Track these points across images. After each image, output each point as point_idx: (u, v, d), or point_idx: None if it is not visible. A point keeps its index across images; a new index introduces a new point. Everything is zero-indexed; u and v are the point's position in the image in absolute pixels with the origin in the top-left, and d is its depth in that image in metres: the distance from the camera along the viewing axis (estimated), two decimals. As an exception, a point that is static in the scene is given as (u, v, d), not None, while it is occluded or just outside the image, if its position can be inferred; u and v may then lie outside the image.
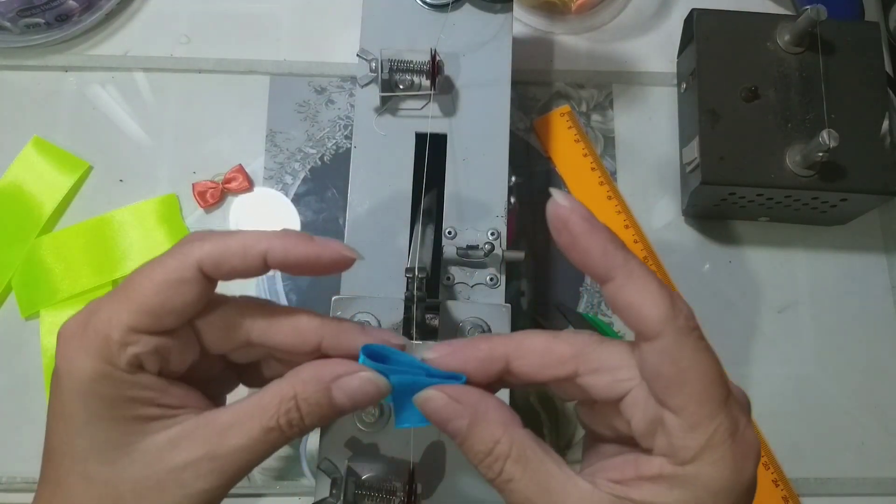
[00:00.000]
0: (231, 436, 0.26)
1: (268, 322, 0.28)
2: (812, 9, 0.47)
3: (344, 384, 0.27)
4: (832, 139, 0.44)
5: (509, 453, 0.25)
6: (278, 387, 0.26)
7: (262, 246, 0.26)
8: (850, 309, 0.53)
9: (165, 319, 0.26)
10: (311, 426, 0.27)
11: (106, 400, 0.25)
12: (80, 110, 0.55)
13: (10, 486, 0.47)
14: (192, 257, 0.25)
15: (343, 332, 0.28)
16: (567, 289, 0.52)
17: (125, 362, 0.25)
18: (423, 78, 0.42)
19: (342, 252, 0.27)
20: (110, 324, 0.25)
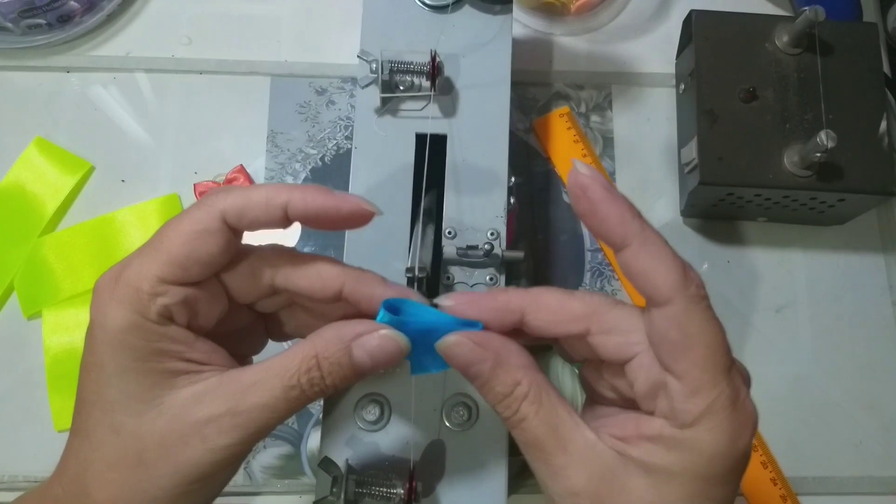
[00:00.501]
0: (253, 393, 0.26)
1: (291, 267, 0.28)
2: (810, 10, 0.47)
3: (364, 342, 0.27)
4: (830, 140, 0.44)
5: (527, 394, 0.26)
6: (300, 347, 0.27)
7: (283, 197, 0.27)
8: (848, 308, 0.53)
9: (193, 270, 0.26)
10: (332, 386, 0.27)
11: (136, 351, 0.26)
12: (81, 111, 0.56)
13: (10, 486, 0.47)
14: (216, 208, 0.26)
15: (363, 281, 0.29)
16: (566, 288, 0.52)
17: (155, 313, 0.26)
18: (424, 79, 0.42)
19: (361, 205, 0.28)
20: (140, 275, 0.26)
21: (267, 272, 0.29)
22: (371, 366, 0.27)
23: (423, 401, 0.36)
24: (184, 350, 0.27)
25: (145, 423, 0.26)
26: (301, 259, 0.29)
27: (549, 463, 0.26)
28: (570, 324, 0.27)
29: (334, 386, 0.27)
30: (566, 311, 0.28)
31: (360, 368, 0.27)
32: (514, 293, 0.28)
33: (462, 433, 0.36)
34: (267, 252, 0.29)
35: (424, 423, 0.36)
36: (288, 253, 0.29)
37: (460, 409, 0.36)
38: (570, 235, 0.54)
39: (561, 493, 0.26)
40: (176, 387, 0.26)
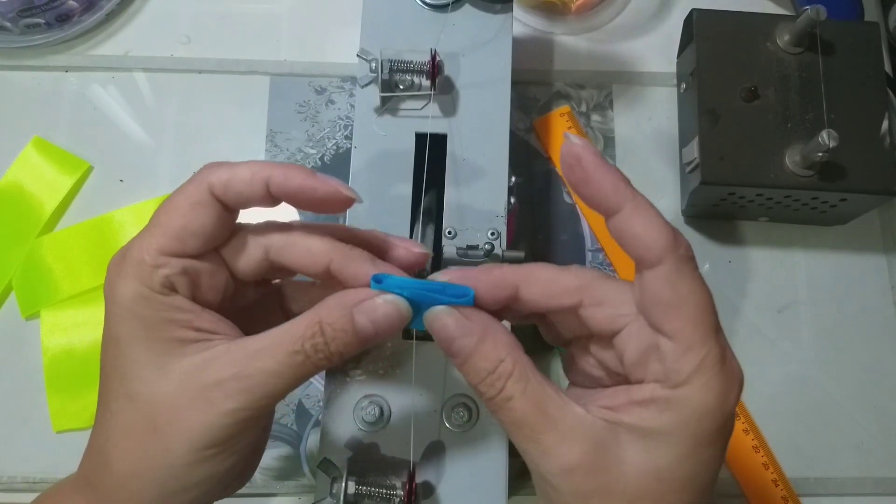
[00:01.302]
0: (258, 358, 0.27)
1: (284, 239, 0.29)
2: (812, 9, 0.47)
3: (365, 307, 0.28)
4: (832, 139, 0.44)
5: (512, 372, 0.26)
6: (305, 314, 0.28)
7: (266, 173, 0.28)
8: (850, 309, 0.53)
9: (189, 242, 0.28)
10: (336, 353, 0.27)
11: (145, 320, 0.27)
12: (80, 110, 0.55)
13: (10, 486, 0.47)
14: (205, 182, 0.28)
15: (351, 258, 0.29)
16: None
17: (158, 283, 0.27)
18: (424, 78, 0.42)
19: (339, 188, 0.28)
20: (142, 250, 0.27)
21: (260, 246, 0.30)
22: (373, 332, 0.28)
23: (423, 401, 0.36)
24: (191, 318, 0.28)
25: (157, 389, 0.27)
26: (293, 233, 0.30)
27: (540, 441, 0.26)
28: (562, 297, 0.28)
29: (339, 353, 0.28)
30: (559, 284, 0.28)
31: (363, 334, 0.28)
32: (508, 268, 0.29)
33: (462, 434, 0.36)
34: (261, 226, 0.30)
35: (424, 424, 0.36)
36: (281, 227, 0.30)
37: (460, 410, 0.36)
38: (571, 235, 0.54)
39: (554, 471, 0.26)
40: (186, 354, 0.27)
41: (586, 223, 0.54)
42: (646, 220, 0.26)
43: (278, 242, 0.30)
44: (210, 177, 0.28)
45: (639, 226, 0.26)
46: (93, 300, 0.50)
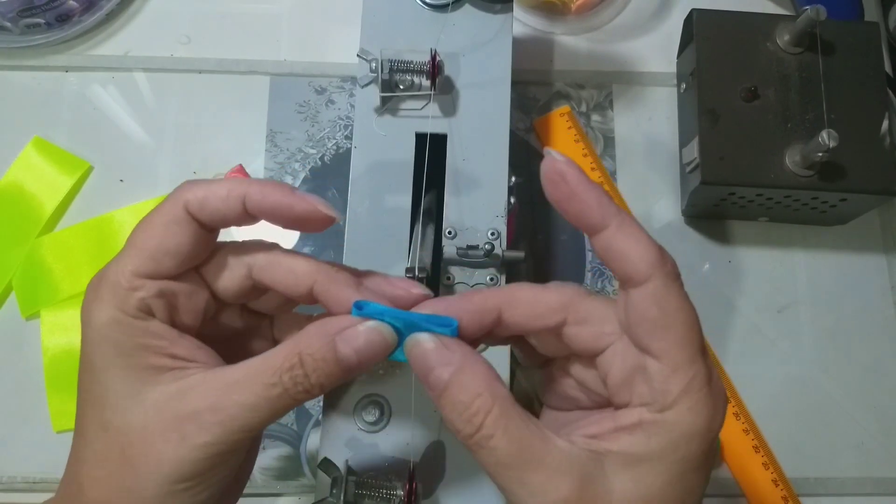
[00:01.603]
0: (235, 391, 0.26)
1: (267, 258, 0.29)
2: (812, 9, 0.47)
3: (348, 335, 0.27)
4: (832, 139, 0.44)
5: (491, 408, 0.25)
6: (285, 344, 0.27)
7: (242, 190, 0.27)
8: (850, 309, 0.53)
9: (164, 261, 0.27)
10: (317, 385, 0.26)
11: (119, 346, 0.26)
12: (80, 110, 0.55)
13: (10, 486, 0.47)
14: (180, 200, 0.27)
15: (335, 282, 0.28)
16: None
17: (134, 307, 0.26)
18: (424, 78, 0.42)
19: (316, 207, 0.27)
20: (117, 272, 0.27)
21: (243, 264, 0.29)
22: (357, 361, 0.26)
23: (423, 401, 0.36)
24: (166, 345, 0.27)
25: (130, 419, 0.26)
26: (277, 252, 0.29)
27: (526, 482, 0.24)
28: (547, 316, 0.27)
29: (320, 385, 0.26)
30: (543, 303, 0.27)
31: (346, 364, 0.26)
32: (489, 292, 0.28)
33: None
34: (245, 245, 0.29)
35: (424, 424, 0.36)
36: (265, 247, 0.29)
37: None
38: (571, 235, 0.54)
39: None
40: (161, 382, 0.26)
41: (586, 223, 0.54)
42: (632, 237, 0.25)
43: (261, 261, 0.29)
44: (186, 195, 0.27)
45: (625, 243, 0.25)
46: (93, 300, 0.50)
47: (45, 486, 0.47)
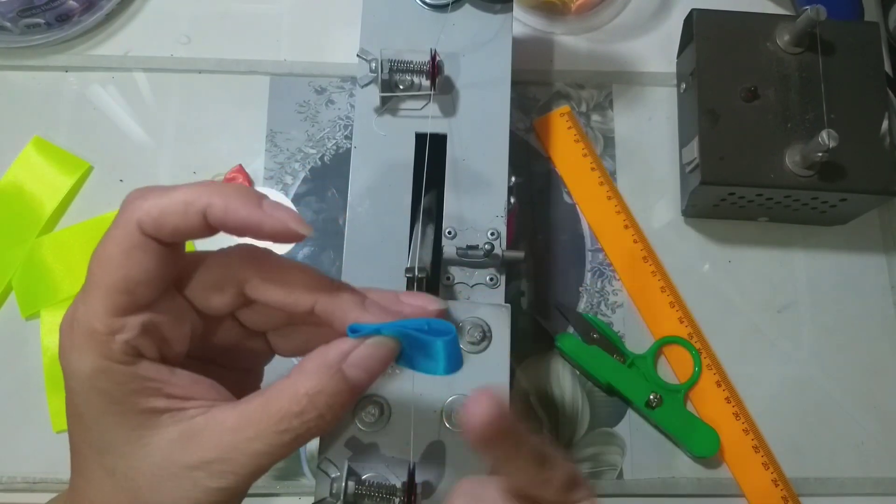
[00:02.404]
0: (243, 440, 0.25)
1: (262, 274, 0.26)
2: (812, 9, 0.47)
3: (355, 359, 0.25)
4: (832, 139, 0.44)
5: None
6: (286, 386, 0.25)
7: (203, 202, 0.24)
8: (850, 309, 0.53)
9: (138, 292, 0.24)
10: (334, 420, 0.25)
11: (109, 396, 0.24)
12: (80, 110, 0.55)
13: (9, 487, 0.47)
14: (132, 222, 0.24)
15: (337, 303, 0.26)
16: (567, 289, 0.52)
17: (119, 352, 0.24)
18: (423, 78, 0.42)
19: (287, 224, 0.24)
20: (89, 315, 0.24)
21: (234, 281, 0.26)
22: (368, 379, 0.26)
23: (423, 401, 0.36)
24: (161, 386, 0.25)
25: (135, 464, 0.25)
26: (272, 267, 0.26)
27: None
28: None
29: (336, 418, 0.25)
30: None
31: (360, 387, 0.26)
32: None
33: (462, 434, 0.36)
34: (233, 257, 0.26)
35: (424, 424, 0.36)
36: (257, 258, 0.26)
37: (460, 411, 0.36)
38: (571, 235, 0.54)
39: None
40: (160, 425, 0.25)
41: (586, 223, 0.54)
42: None
43: (255, 277, 0.26)
44: (136, 213, 0.24)
45: None
46: (93, 300, 0.50)
47: (45, 487, 0.47)
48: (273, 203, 0.24)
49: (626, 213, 0.54)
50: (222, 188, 0.24)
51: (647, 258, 0.53)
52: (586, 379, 0.50)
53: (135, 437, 0.25)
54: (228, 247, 0.27)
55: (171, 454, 0.25)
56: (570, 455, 0.49)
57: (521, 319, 0.51)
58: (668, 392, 0.49)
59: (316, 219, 0.53)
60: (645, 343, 0.51)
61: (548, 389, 0.50)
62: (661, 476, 0.49)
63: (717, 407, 0.49)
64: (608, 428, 0.50)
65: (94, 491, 0.26)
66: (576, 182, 0.55)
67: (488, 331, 0.39)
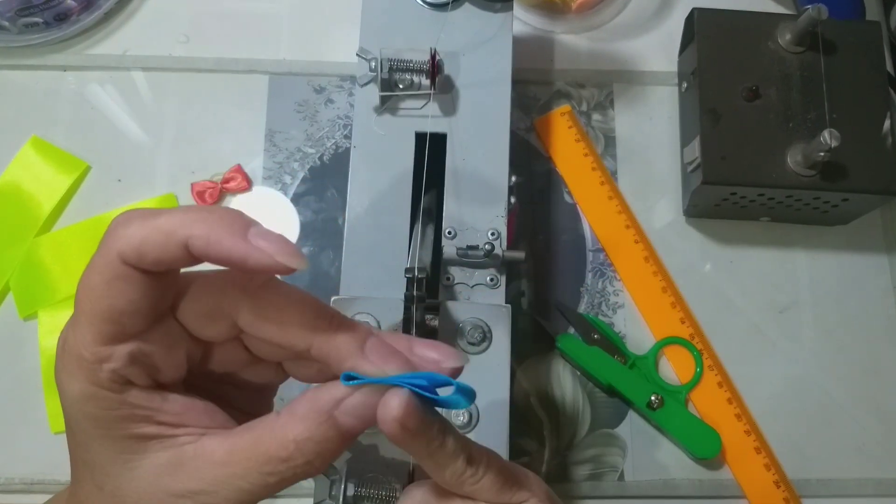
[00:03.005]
0: (229, 476, 0.24)
1: (256, 310, 0.24)
2: (813, 8, 0.47)
3: (347, 407, 0.24)
4: (833, 139, 0.44)
5: None
6: (274, 428, 0.24)
7: (185, 233, 0.22)
8: (852, 309, 0.53)
9: (124, 322, 0.23)
10: (324, 465, 0.24)
11: (96, 420, 0.24)
12: (78, 110, 0.55)
13: (8, 487, 0.47)
14: (113, 252, 0.22)
15: (335, 347, 0.24)
16: (567, 289, 0.52)
17: (107, 380, 0.23)
18: (423, 77, 0.42)
19: (275, 260, 0.22)
20: (77, 343, 0.23)
21: (226, 316, 0.24)
22: (362, 426, 0.24)
23: (423, 403, 0.36)
24: (151, 413, 0.24)
25: (123, 485, 0.25)
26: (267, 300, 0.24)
27: None
28: None
29: (325, 464, 0.24)
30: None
31: (352, 434, 0.24)
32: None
33: None
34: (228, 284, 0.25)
35: (424, 426, 0.35)
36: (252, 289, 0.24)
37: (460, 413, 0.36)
38: (572, 235, 0.54)
39: None
40: (148, 450, 0.24)
41: (587, 223, 0.54)
42: None
43: (247, 316, 0.24)
44: (118, 243, 0.22)
45: None
46: (91, 300, 0.50)
47: (43, 487, 0.47)
48: (262, 232, 0.22)
49: (627, 212, 0.54)
50: (207, 216, 0.22)
51: (648, 258, 0.52)
52: (587, 380, 0.50)
53: (121, 460, 0.24)
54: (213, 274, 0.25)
55: (159, 480, 0.24)
56: (568, 457, 0.49)
57: (521, 320, 0.51)
58: (670, 393, 0.49)
59: (315, 219, 0.53)
60: (646, 344, 0.51)
61: (548, 390, 0.50)
62: (662, 477, 0.48)
63: (719, 408, 0.49)
64: (609, 429, 0.49)
65: (86, 499, 0.26)
66: (576, 182, 0.54)
67: (488, 331, 0.38)
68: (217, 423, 0.26)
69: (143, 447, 0.24)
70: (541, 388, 0.50)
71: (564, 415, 0.49)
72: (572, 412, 0.49)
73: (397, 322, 0.38)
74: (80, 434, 0.25)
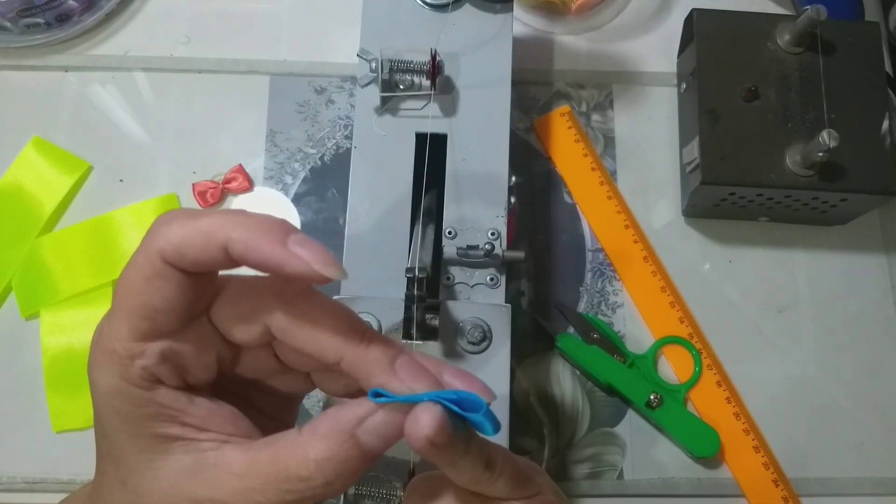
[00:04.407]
0: (246, 488, 0.24)
1: (289, 320, 0.24)
2: (812, 9, 0.47)
3: (370, 426, 0.24)
4: (832, 139, 0.44)
5: None
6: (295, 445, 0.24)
7: (224, 235, 0.23)
8: (851, 309, 0.53)
9: (159, 319, 0.24)
10: (344, 486, 0.24)
11: (125, 415, 0.24)
12: (80, 110, 0.55)
13: (10, 487, 0.47)
14: (153, 249, 0.23)
15: (365, 363, 0.24)
16: (567, 289, 0.52)
17: (137, 377, 0.24)
18: (424, 78, 0.42)
19: (312, 267, 0.22)
20: (112, 337, 0.24)
21: (260, 321, 0.25)
22: (384, 446, 0.24)
23: (424, 402, 0.36)
24: (177, 414, 0.25)
25: (144, 483, 0.25)
26: (302, 309, 0.25)
27: None
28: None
29: (346, 485, 0.24)
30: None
31: (374, 454, 0.24)
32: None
33: None
34: (264, 291, 0.25)
35: (424, 425, 0.35)
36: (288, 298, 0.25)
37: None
38: (571, 235, 0.54)
39: None
40: (172, 452, 0.24)
41: (586, 223, 0.54)
42: None
43: (281, 322, 0.24)
44: (159, 241, 0.23)
45: None
46: (93, 300, 0.50)
47: (45, 487, 0.47)
48: (301, 240, 0.23)
49: (626, 212, 0.54)
50: (248, 221, 0.23)
51: (647, 258, 0.53)
52: (586, 379, 0.50)
53: (145, 458, 0.25)
54: (264, 279, 0.25)
55: (179, 483, 0.24)
56: (568, 457, 0.49)
57: (521, 319, 0.51)
58: (669, 392, 0.49)
59: (316, 219, 0.53)
60: (645, 343, 0.51)
61: (548, 389, 0.50)
62: (661, 476, 0.49)
63: (718, 407, 0.49)
64: (608, 428, 0.49)
65: (109, 493, 0.26)
66: (576, 182, 0.55)
67: (488, 331, 0.39)
68: (241, 432, 0.26)
69: (167, 448, 0.24)
70: (540, 387, 0.50)
71: (564, 414, 0.50)
72: (572, 411, 0.50)
73: (398, 322, 0.38)
74: (108, 427, 0.25)
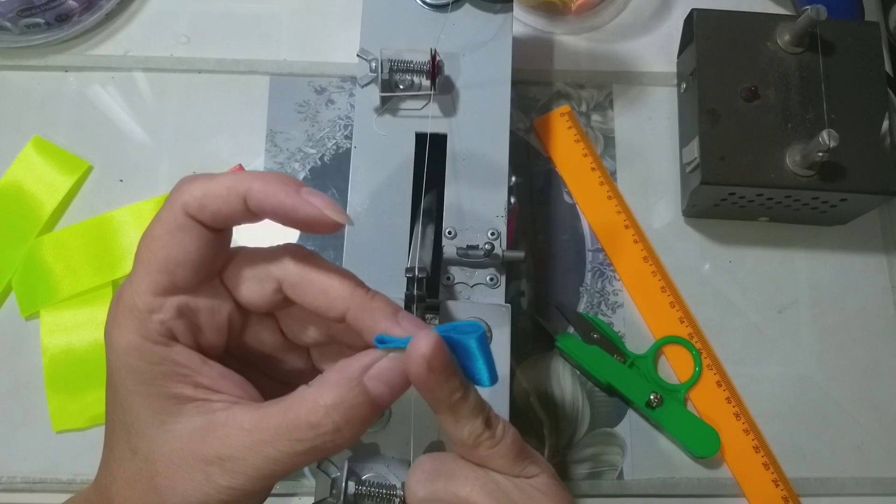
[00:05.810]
0: (259, 444, 0.24)
1: (300, 274, 0.26)
2: (812, 9, 0.47)
3: (376, 372, 0.25)
4: (832, 139, 0.44)
5: None
6: (304, 396, 0.25)
7: (244, 186, 0.25)
8: (851, 309, 0.53)
9: (178, 273, 0.25)
10: (352, 435, 0.25)
11: (140, 374, 0.25)
12: (80, 110, 0.55)
13: (9, 487, 0.47)
14: (177, 204, 0.25)
15: (369, 311, 0.26)
16: (567, 289, 0.52)
17: (155, 331, 0.25)
18: (423, 78, 0.42)
19: (322, 212, 0.25)
20: (133, 292, 0.25)
21: (272, 278, 0.27)
22: (390, 393, 0.25)
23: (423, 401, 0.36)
24: (191, 374, 0.26)
25: (156, 448, 0.25)
26: (311, 267, 0.27)
27: None
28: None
29: (355, 435, 0.25)
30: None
31: (381, 402, 0.25)
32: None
33: None
34: (276, 254, 0.27)
35: (424, 424, 0.35)
36: (299, 257, 0.27)
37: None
38: (571, 235, 0.54)
39: None
40: (184, 414, 0.25)
41: (586, 223, 0.54)
42: None
43: (293, 276, 0.26)
44: (182, 196, 0.25)
45: None
46: (93, 300, 0.50)
47: (45, 487, 0.47)
48: (311, 191, 0.25)
49: (626, 212, 0.54)
50: (264, 175, 0.25)
51: (647, 258, 0.53)
52: (586, 379, 0.50)
53: (158, 420, 0.25)
54: (276, 245, 0.28)
55: (191, 444, 0.25)
56: (568, 456, 0.49)
57: (521, 319, 0.51)
58: (669, 392, 0.49)
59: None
60: (645, 343, 0.51)
61: (548, 389, 0.50)
62: (661, 476, 0.49)
63: (718, 407, 0.49)
64: (608, 428, 0.50)
65: (118, 466, 0.26)
66: (576, 182, 0.55)
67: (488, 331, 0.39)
68: (248, 396, 0.27)
69: (180, 409, 0.25)
70: (540, 387, 0.50)
71: (564, 414, 0.50)
72: (572, 411, 0.50)
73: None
74: (122, 390, 0.25)
